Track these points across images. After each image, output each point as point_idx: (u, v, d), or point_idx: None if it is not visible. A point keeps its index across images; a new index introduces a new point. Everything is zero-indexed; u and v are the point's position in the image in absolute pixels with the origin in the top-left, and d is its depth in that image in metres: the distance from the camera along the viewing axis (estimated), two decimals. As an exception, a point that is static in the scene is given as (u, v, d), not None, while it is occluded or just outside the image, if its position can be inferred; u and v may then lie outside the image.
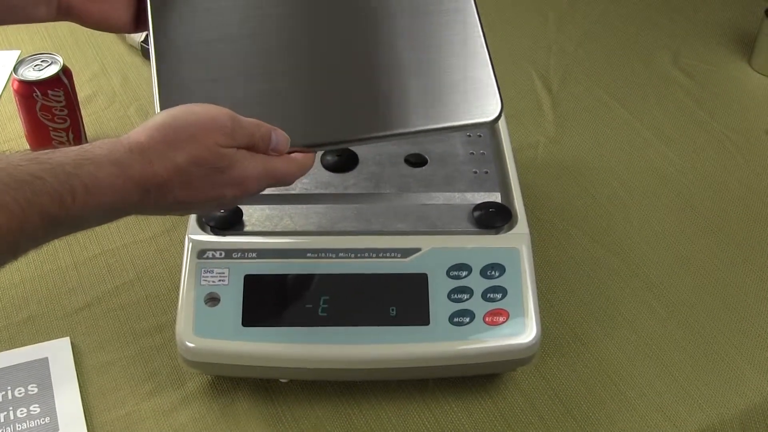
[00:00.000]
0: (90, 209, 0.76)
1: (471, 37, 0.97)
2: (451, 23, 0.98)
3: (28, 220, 0.73)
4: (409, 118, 0.91)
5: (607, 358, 1.06)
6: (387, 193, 1.06)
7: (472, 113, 0.91)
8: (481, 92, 0.92)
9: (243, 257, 0.98)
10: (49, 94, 1.23)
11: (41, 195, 0.73)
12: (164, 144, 0.79)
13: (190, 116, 0.81)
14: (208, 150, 0.80)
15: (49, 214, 0.74)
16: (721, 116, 1.44)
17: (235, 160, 0.81)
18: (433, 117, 0.91)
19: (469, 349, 0.95)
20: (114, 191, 0.77)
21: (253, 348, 0.94)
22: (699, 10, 1.70)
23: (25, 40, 1.56)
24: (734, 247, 1.21)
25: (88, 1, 0.94)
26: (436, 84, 0.93)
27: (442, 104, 0.91)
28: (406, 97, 0.92)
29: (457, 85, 0.93)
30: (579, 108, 1.45)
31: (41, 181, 0.73)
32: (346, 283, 0.97)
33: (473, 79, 0.93)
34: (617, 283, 1.15)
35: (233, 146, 0.82)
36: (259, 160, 0.84)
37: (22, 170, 0.73)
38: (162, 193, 0.80)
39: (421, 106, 0.91)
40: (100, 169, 0.76)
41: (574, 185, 1.30)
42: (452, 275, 0.97)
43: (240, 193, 0.83)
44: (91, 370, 1.04)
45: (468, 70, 0.94)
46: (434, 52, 0.95)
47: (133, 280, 1.14)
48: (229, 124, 0.81)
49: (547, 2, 1.71)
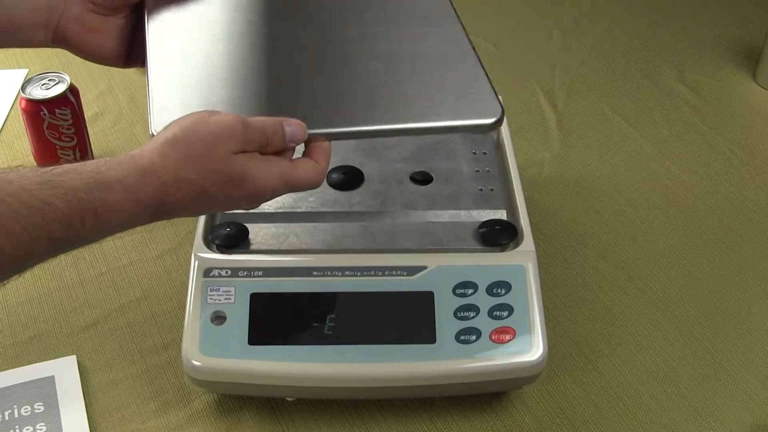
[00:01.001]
0: (98, 231, 0.77)
1: (463, 50, 0.97)
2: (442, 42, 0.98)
3: (35, 244, 0.73)
4: (414, 115, 0.91)
5: (614, 376, 1.06)
6: (392, 211, 1.06)
7: (475, 114, 0.91)
8: (483, 97, 0.92)
9: (249, 275, 0.98)
10: (57, 113, 1.23)
11: (51, 222, 0.73)
12: (177, 161, 0.79)
13: (202, 128, 0.80)
14: (220, 162, 0.80)
15: (56, 239, 0.74)
16: (727, 131, 1.44)
17: (249, 171, 0.81)
18: (437, 115, 0.91)
19: (476, 367, 0.95)
20: (124, 215, 0.77)
21: (259, 366, 0.94)
22: (703, 25, 1.70)
23: (33, 59, 1.56)
24: (741, 262, 1.21)
25: (85, 32, 0.95)
26: (435, 87, 0.93)
27: (443, 104, 0.91)
28: (411, 95, 0.92)
29: (458, 90, 0.93)
30: (584, 124, 1.45)
31: (52, 207, 0.73)
32: (352, 302, 0.97)
33: (472, 85, 0.94)
34: (624, 299, 1.15)
35: (247, 150, 0.81)
36: (275, 168, 0.83)
37: (34, 195, 0.73)
38: (173, 210, 0.80)
39: (424, 104, 0.91)
40: (112, 194, 0.76)
41: (580, 202, 1.30)
42: (458, 293, 0.97)
43: (256, 201, 0.84)
44: (98, 388, 1.04)
45: (467, 80, 0.94)
46: (429, 63, 0.96)
47: (139, 298, 1.14)
48: (240, 128, 0.81)
49: (552, 19, 1.72)
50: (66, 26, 0.94)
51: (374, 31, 1.00)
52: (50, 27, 0.94)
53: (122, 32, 0.98)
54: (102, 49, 0.97)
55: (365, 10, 1.03)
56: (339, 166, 1.10)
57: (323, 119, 0.89)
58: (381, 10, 1.03)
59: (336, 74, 0.94)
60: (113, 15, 0.97)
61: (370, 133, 0.90)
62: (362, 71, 0.95)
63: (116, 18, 0.97)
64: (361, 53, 0.97)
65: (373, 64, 0.96)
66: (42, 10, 0.93)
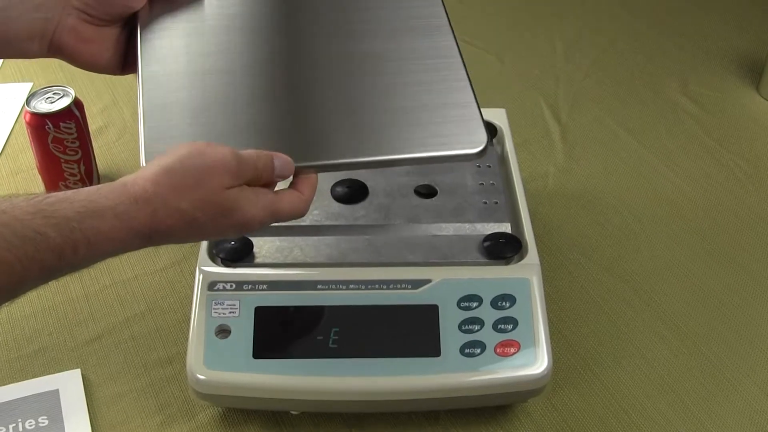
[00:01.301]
0: (89, 259, 0.77)
1: (455, 74, 0.96)
2: (434, 62, 0.98)
3: (27, 274, 0.73)
4: (397, 146, 0.91)
5: (618, 389, 1.06)
6: (397, 224, 1.06)
7: (459, 145, 0.91)
8: (469, 126, 0.92)
9: (253, 289, 0.98)
10: (61, 127, 1.23)
11: (43, 251, 0.73)
12: (170, 189, 0.79)
13: (198, 159, 0.81)
14: (213, 193, 0.80)
15: (49, 267, 0.74)
16: (731, 144, 1.44)
17: (239, 203, 0.81)
18: (417, 146, 0.90)
19: (481, 380, 0.95)
20: (116, 242, 0.77)
21: (263, 380, 0.94)
22: (707, 37, 1.71)
23: (38, 72, 1.57)
24: (745, 275, 1.20)
25: (80, 42, 0.96)
26: (420, 116, 0.92)
27: (428, 135, 0.91)
28: (392, 126, 0.92)
29: (444, 118, 0.93)
30: (588, 137, 1.45)
31: (44, 237, 0.73)
32: (357, 315, 0.97)
33: (461, 114, 0.93)
34: (628, 312, 1.15)
35: (238, 185, 0.82)
36: (262, 200, 0.83)
37: (26, 225, 0.73)
38: (164, 237, 0.80)
39: (409, 135, 0.91)
40: (104, 222, 0.76)
41: (584, 215, 1.30)
42: (463, 306, 0.97)
43: (244, 233, 0.84)
44: (102, 401, 1.04)
45: (454, 107, 0.93)
46: (418, 88, 0.95)
47: (143, 311, 1.14)
48: (234, 163, 0.81)
49: (556, 32, 1.72)
50: (61, 37, 0.95)
51: (365, 50, 0.99)
52: (45, 38, 0.94)
53: (117, 41, 0.99)
54: (97, 58, 0.98)
55: (358, 25, 1.02)
56: (343, 179, 1.10)
57: (312, 152, 0.89)
58: (373, 23, 1.02)
59: (326, 104, 0.94)
60: (108, 26, 0.97)
61: (355, 165, 0.90)
62: (351, 100, 0.94)
63: (111, 28, 0.98)
64: (351, 79, 0.96)
65: (360, 92, 0.95)
66: (38, 22, 0.93)
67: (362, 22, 1.02)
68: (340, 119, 0.92)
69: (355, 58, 0.98)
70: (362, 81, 0.95)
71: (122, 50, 0.99)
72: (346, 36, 1.00)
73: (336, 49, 0.99)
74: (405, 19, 1.02)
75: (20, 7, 0.93)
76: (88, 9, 0.95)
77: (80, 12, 0.95)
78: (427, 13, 1.03)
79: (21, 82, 1.55)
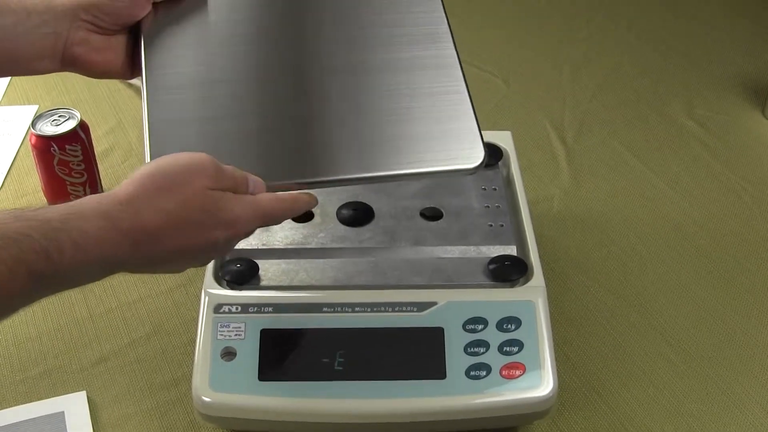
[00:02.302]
0: (78, 264, 0.75)
1: (455, 87, 0.97)
2: (435, 74, 0.98)
3: (15, 278, 0.72)
4: (391, 162, 0.91)
5: (624, 411, 1.05)
6: (402, 247, 1.06)
7: (454, 160, 0.91)
8: (465, 140, 0.92)
9: (259, 311, 0.98)
10: (67, 149, 1.24)
11: (28, 252, 0.72)
12: (153, 190, 0.79)
13: (176, 164, 0.82)
14: (195, 193, 0.80)
15: (36, 272, 0.73)
16: (737, 167, 1.44)
17: (223, 202, 0.82)
18: (414, 161, 0.91)
19: (486, 402, 0.94)
20: (102, 244, 0.76)
21: (269, 402, 0.94)
22: (712, 60, 1.71)
23: (43, 95, 1.57)
24: (752, 299, 1.20)
25: (92, 52, 0.97)
26: (418, 130, 0.93)
27: (424, 150, 0.91)
28: (390, 141, 0.92)
29: (440, 132, 0.93)
30: (594, 160, 1.45)
31: (28, 238, 0.73)
32: (362, 338, 0.97)
33: (457, 128, 0.93)
34: (634, 335, 1.15)
35: (219, 189, 0.82)
36: (246, 200, 0.84)
37: (9, 228, 0.73)
38: (152, 242, 0.79)
39: (403, 150, 0.92)
40: (88, 222, 0.76)
41: (590, 237, 1.30)
42: (468, 329, 0.97)
43: (232, 235, 0.83)
44: (107, 424, 1.03)
45: (452, 120, 0.94)
46: (417, 101, 0.96)
47: (149, 333, 1.14)
48: (212, 168, 0.82)
49: (562, 54, 1.72)
50: (73, 50, 0.96)
51: (364, 60, 0.99)
52: (57, 53, 0.95)
53: (126, 46, 1.00)
54: (111, 66, 0.99)
55: (360, 36, 1.02)
56: (349, 202, 1.10)
57: (304, 168, 0.91)
58: (374, 33, 1.03)
59: (323, 117, 0.94)
60: (116, 34, 0.98)
61: (353, 180, 0.91)
62: (350, 113, 0.94)
63: (119, 36, 0.99)
64: (350, 91, 0.96)
65: (358, 105, 0.95)
66: (48, 37, 0.94)
67: (361, 28, 1.02)
68: (338, 134, 0.93)
69: (356, 70, 0.98)
70: (360, 93, 0.96)
71: (131, 54, 1.00)
72: (348, 46, 1.01)
73: (337, 60, 0.99)
74: (406, 27, 1.02)
75: (27, 24, 0.93)
76: (96, 20, 0.96)
77: (89, 24, 0.96)
78: (428, 20, 1.03)
79: (26, 105, 1.55)
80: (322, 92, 0.96)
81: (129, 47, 1.00)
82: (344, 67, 0.98)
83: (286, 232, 1.06)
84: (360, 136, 0.93)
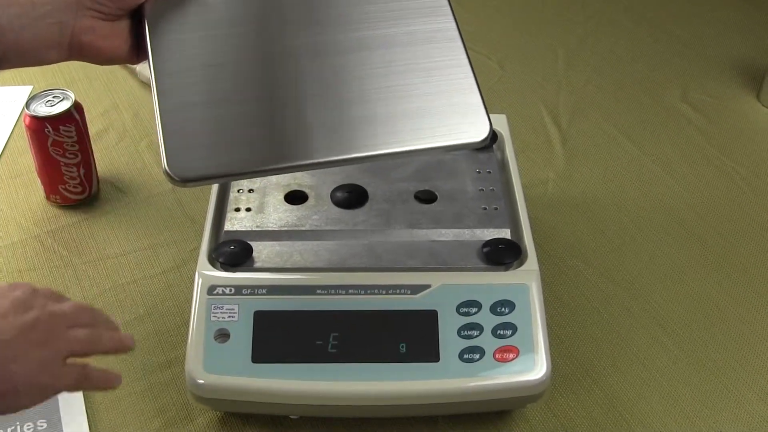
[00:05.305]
0: None
1: (458, 62, 0.96)
2: (436, 48, 0.97)
3: None
4: (396, 138, 0.91)
5: (617, 395, 1.06)
6: (396, 230, 1.06)
7: (460, 134, 0.91)
8: (469, 115, 0.92)
9: (253, 293, 0.98)
10: (61, 130, 1.23)
11: None
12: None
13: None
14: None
15: None
16: (731, 151, 1.44)
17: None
18: (419, 138, 0.90)
19: (479, 385, 0.95)
20: None
21: (262, 384, 0.94)
22: (707, 45, 1.71)
23: (37, 76, 1.57)
24: (745, 282, 1.20)
25: (99, 39, 0.96)
26: (422, 105, 0.92)
27: (429, 125, 0.91)
28: (394, 117, 0.92)
29: (445, 108, 0.92)
30: (588, 144, 1.45)
31: None
32: (356, 320, 0.97)
33: (461, 102, 0.93)
34: (627, 319, 1.15)
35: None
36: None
37: None
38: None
39: (409, 126, 0.91)
40: None
41: (584, 221, 1.30)
42: (462, 312, 0.97)
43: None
44: (101, 405, 1.04)
45: (455, 94, 0.93)
46: (419, 77, 0.95)
47: (143, 315, 1.14)
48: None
49: (557, 39, 1.72)
50: (80, 39, 0.95)
51: (367, 36, 0.99)
52: (63, 43, 0.95)
53: (131, 31, 0.99)
54: (118, 51, 0.99)
55: (361, 13, 1.01)
56: (343, 184, 1.10)
57: (296, 151, 0.90)
58: (376, 8, 1.02)
59: (321, 96, 0.93)
60: (120, 19, 0.98)
61: (359, 159, 0.90)
62: (351, 91, 0.94)
63: (123, 21, 0.99)
64: (353, 69, 0.96)
65: (359, 82, 0.94)
66: (53, 27, 0.94)
67: (363, 4, 1.01)
68: (343, 113, 0.92)
69: (359, 46, 0.97)
70: (363, 70, 0.95)
71: (134, 37, 1.00)
72: (345, 23, 1.00)
73: (336, 37, 0.98)
74: (404, 1, 1.01)
75: (32, 15, 0.93)
76: (100, 7, 0.96)
77: (93, 11, 0.95)
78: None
79: (21, 85, 1.55)
80: (317, 71, 0.96)
81: (133, 32, 1.00)
82: (346, 44, 0.98)
83: (280, 214, 1.06)
84: (364, 114, 0.92)
